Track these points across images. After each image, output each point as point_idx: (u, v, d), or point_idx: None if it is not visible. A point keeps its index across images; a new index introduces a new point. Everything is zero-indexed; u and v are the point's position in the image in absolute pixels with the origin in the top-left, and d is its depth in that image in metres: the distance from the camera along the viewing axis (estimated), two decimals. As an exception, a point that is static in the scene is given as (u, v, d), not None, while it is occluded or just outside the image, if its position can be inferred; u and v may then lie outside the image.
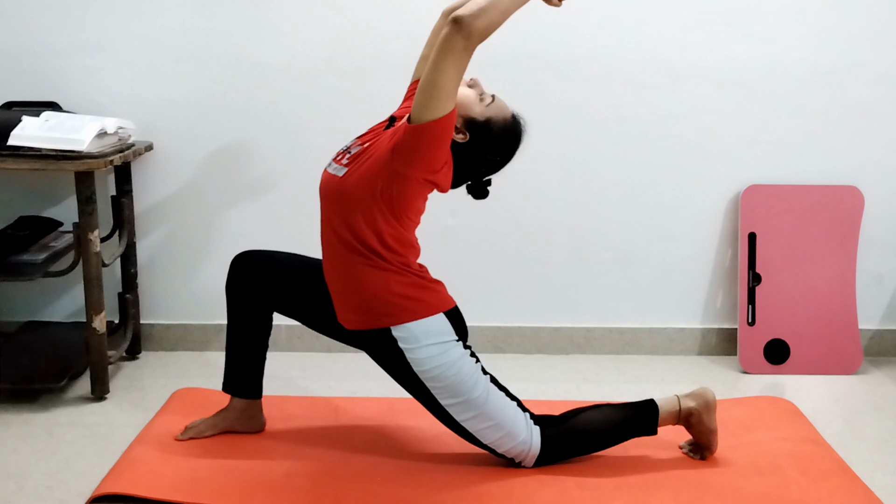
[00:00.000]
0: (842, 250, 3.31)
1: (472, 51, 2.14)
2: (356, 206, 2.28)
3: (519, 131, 2.40)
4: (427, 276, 2.40)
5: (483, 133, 2.33)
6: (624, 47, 3.23)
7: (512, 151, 2.40)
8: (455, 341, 2.34)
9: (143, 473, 2.35)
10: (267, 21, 3.22)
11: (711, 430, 2.46)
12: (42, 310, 3.41)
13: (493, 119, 2.34)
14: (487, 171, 2.42)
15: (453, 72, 2.13)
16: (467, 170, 2.37)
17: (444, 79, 2.13)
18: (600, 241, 3.38)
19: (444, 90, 2.14)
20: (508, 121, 2.37)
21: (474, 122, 2.32)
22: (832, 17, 3.22)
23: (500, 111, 2.36)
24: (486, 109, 2.33)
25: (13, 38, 3.20)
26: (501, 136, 2.36)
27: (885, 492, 2.39)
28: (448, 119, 2.17)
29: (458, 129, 2.30)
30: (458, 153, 2.31)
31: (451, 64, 2.12)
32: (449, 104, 2.16)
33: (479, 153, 2.35)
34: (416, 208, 2.34)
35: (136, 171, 3.27)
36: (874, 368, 3.35)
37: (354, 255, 2.31)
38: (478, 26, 2.10)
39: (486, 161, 2.38)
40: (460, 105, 2.27)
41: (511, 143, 2.39)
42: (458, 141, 2.30)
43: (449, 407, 2.34)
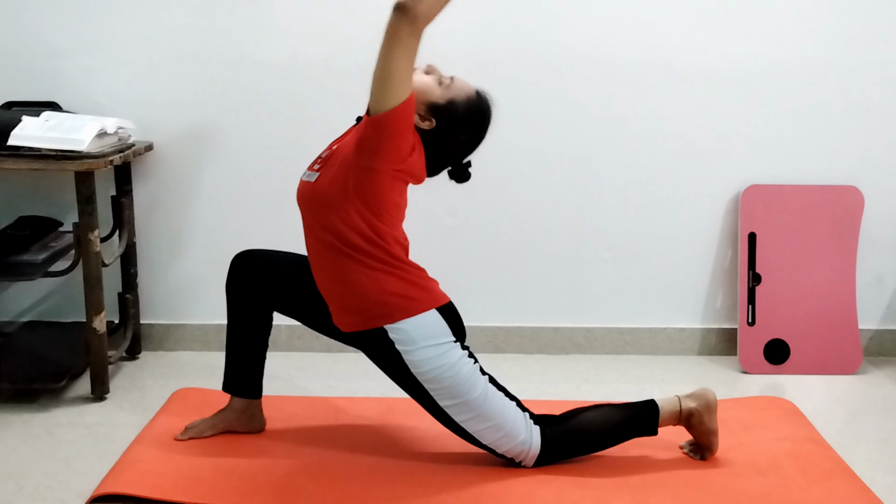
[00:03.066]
0: (842, 250, 3.31)
1: (419, 35, 2.13)
2: (332, 208, 2.28)
3: (485, 107, 2.38)
4: (420, 273, 2.39)
5: (448, 116, 2.32)
6: (624, 47, 3.23)
7: (482, 128, 2.39)
8: (453, 342, 2.33)
9: (143, 473, 2.35)
10: (267, 21, 3.22)
11: (712, 431, 2.46)
12: (42, 310, 3.41)
13: (455, 100, 2.33)
14: (463, 153, 2.41)
15: (404, 58, 2.13)
16: (442, 155, 2.37)
17: (396, 66, 2.13)
18: (600, 241, 3.38)
19: (397, 78, 2.13)
20: (472, 99, 2.36)
21: (437, 106, 2.31)
22: (832, 17, 3.22)
23: (461, 90, 2.35)
24: (446, 92, 2.33)
25: (13, 38, 3.20)
26: (468, 115, 2.35)
27: (885, 492, 2.39)
28: (406, 106, 2.17)
29: (422, 116, 2.30)
30: (428, 140, 2.32)
31: (401, 51, 2.12)
32: (405, 91, 2.16)
33: (449, 136, 2.34)
34: (394, 202, 2.33)
35: (136, 171, 3.28)
36: (874, 368, 3.35)
37: (340, 257, 2.31)
38: (421, 10, 2.10)
39: (458, 143, 2.37)
40: (420, 92, 2.27)
41: (479, 120, 2.38)
42: (424, 128, 2.31)
43: (448, 408, 2.34)
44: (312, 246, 2.38)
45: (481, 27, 3.21)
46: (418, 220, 3.31)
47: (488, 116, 2.40)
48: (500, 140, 3.30)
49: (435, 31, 3.19)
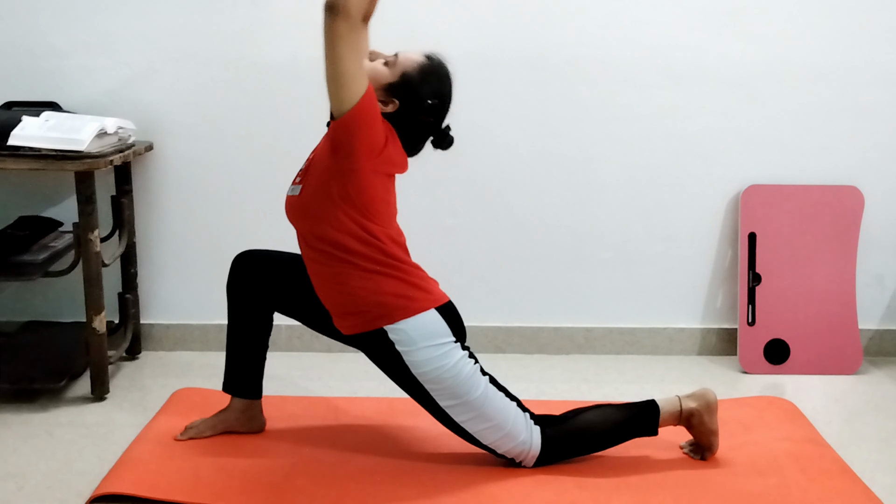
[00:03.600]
0: (842, 250, 3.31)
1: (358, 28, 2.13)
2: (322, 217, 2.29)
3: (439, 67, 2.37)
4: (418, 273, 2.38)
5: (407, 89, 2.31)
6: (624, 47, 3.23)
7: (444, 88, 2.37)
8: (453, 342, 2.33)
9: (143, 473, 2.35)
10: (267, 21, 3.22)
11: (712, 431, 2.46)
12: (42, 310, 3.41)
13: (407, 71, 2.32)
14: (437, 119, 2.38)
15: (351, 55, 2.13)
16: (417, 130, 2.36)
17: (346, 65, 2.13)
18: (600, 241, 3.39)
19: (350, 75, 2.14)
20: (424, 64, 2.34)
21: (392, 85, 2.31)
22: (832, 17, 3.22)
23: (408, 61, 2.34)
24: (395, 69, 2.32)
25: (13, 38, 3.20)
26: (426, 81, 2.33)
27: (885, 492, 2.39)
28: (367, 99, 2.17)
29: (383, 101, 2.30)
30: (398, 121, 2.32)
31: (345, 48, 2.12)
32: (361, 85, 2.16)
33: (416, 108, 2.33)
34: (382, 199, 2.33)
35: (136, 171, 3.28)
36: (874, 368, 3.35)
37: (337, 264, 2.31)
38: (351, 3, 2.09)
39: (427, 111, 2.35)
40: (371, 80, 2.27)
41: (438, 81, 2.35)
42: (390, 111, 2.30)
43: (448, 408, 2.34)
44: (308, 255, 2.38)
45: (481, 27, 3.21)
46: (418, 220, 3.32)
47: (446, 74, 2.38)
48: (500, 140, 3.32)
49: (435, 31, 3.21)
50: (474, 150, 3.30)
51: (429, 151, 3.30)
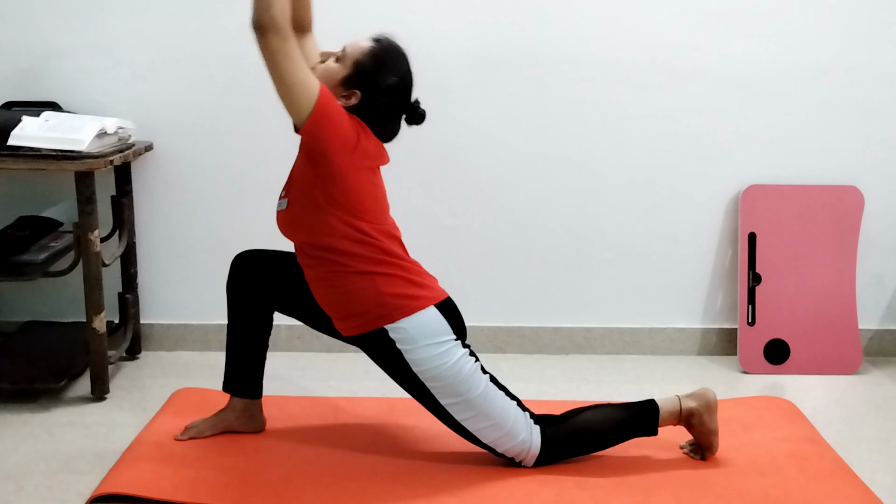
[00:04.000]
0: (842, 250, 3.31)
1: (290, 37, 2.12)
2: (312, 226, 2.29)
3: (388, 45, 2.34)
4: (416, 269, 2.38)
5: (363, 76, 2.29)
6: (624, 47, 3.23)
7: (401, 64, 2.34)
8: (454, 340, 2.34)
9: (143, 473, 2.35)
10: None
11: (712, 431, 2.46)
12: (42, 310, 3.41)
13: (358, 60, 2.30)
14: (402, 97, 2.36)
15: (291, 65, 2.12)
16: (386, 114, 2.34)
17: (291, 75, 2.12)
18: (600, 241, 3.39)
19: (297, 85, 2.13)
20: (373, 48, 2.32)
21: (348, 77, 2.30)
22: (832, 16, 3.22)
23: (357, 50, 2.32)
24: (346, 62, 2.31)
25: (13, 38, 3.20)
26: (379, 64, 2.31)
27: (885, 492, 2.39)
28: (323, 100, 2.16)
29: (344, 96, 2.29)
30: (365, 111, 2.30)
31: (284, 60, 2.11)
32: (312, 90, 2.15)
33: (378, 92, 2.30)
34: (369, 195, 2.31)
35: (136, 171, 3.28)
36: (874, 368, 3.35)
37: (334, 269, 2.31)
38: (275, 17, 2.08)
39: (390, 92, 2.32)
40: (326, 80, 2.27)
41: (392, 59, 2.33)
42: (354, 104, 2.29)
43: (449, 406, 2.34)
44: (304, 262, 2.38)
45: (481, 27, 3.21)
46: (418, 220, 3.33)
47: (398, 51, 2.35)
48: (500, 140, 3.32)
49: (435, 31, 3.21)
50: (474, 149, 3.30)
51: (429, 152, 3.31)
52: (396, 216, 2.47)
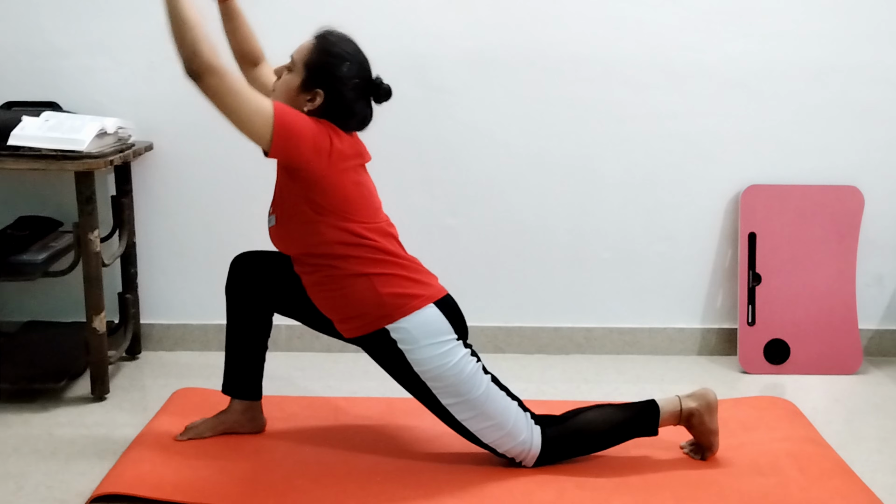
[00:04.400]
0: (842, 250, 3.31)
1: (225, 72, 2.09)
2: (305, 237, 2.30)
3: (329, 34, 2.34)
4: (414, 266, 2.38)
5: (317, 73, 2.29)
6: (624, 47, 3.23)
7: (348, 48, 2.33)
8: (455, 340, 2.33)
9: (142, 473, 2.35)
10: (267, 21, 3.21)
11: (713, 431, 2.46)
12: (42, 310, 3.41)
13: (306, 60, 2.30)
14: (362, 78, 2.33)
15: (238, 98, 2.11)
16: (352, 103, 2.32)
17: (240, 108, 2.12)
18: (600, 241, 3.39)
19: (251, 113, 2.12)
20: (316, 43, 2.32)
21: (304, 81, 2.29)
22: (832, 17, 3.22)
23: (303, 51, 2.32)
24: (296, 68, 2.31)
25: (13, 38, 3.20)
26: (328, 55, 2.30)
27: (885, 492, 2.39)
28: (281, 119, 2.14)
29: (308, 100, 2.29)
30: (333, 107, 2.29)
31: (228, 97, 2.10)
32: (266, 113, 2.13)
33: (338, 83, 2.29)
34: (356, 195, 2.30)
35: (136, 171, 3.28)
36: (874, 368, 3.35)
37: (329, 272, 2.31)
38: (202, 59, 2.07)
39: (350, 79, 2.30)
40: (285, 95, 2.28)
41: (339, 46, 2.33)
42: (320, 103, 2.29)
43: (450, 406, 2.34)
44: (301, 271, 2.38)
45: (481, 27, 3.21)
46: (418, 220, 3.33)
47: (341, 37, 2.34)
48: (500, 140, 3.32)
49: (435, 31, 3.21)
50: (474, 149, 3.30)
51: (429, 152, 3.31)
52: (396, 216, 2.47)
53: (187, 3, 2.08)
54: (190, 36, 2.07)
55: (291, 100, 2.30)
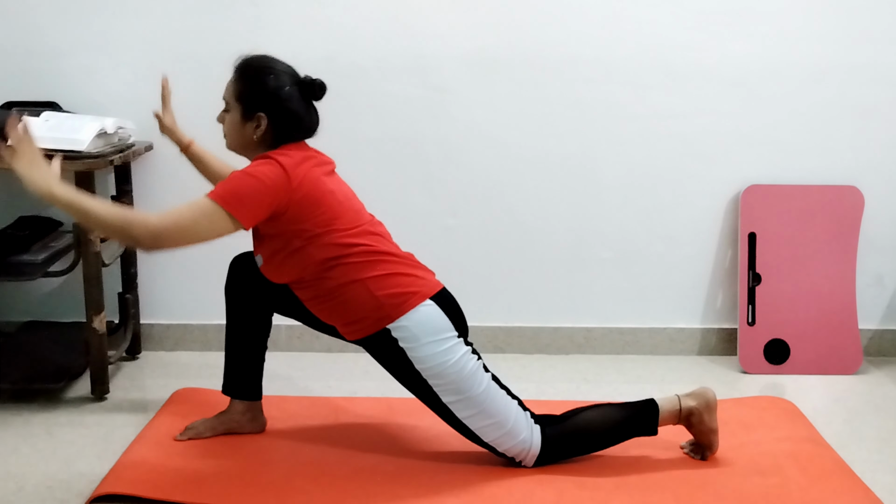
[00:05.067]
0: (842, 250, 3.31)
1: (161, 225, 2.12)
2: (294, 265, 2.31)
3: (245, 60, 2.37)
4: (407, 262, 2.38)
5: (251, 98, 2.31)
6: (624, 47, 3.23)
7: (267, 62, 2.36)
8: (455, 337, 2.34)
9: (142, 473, 2.35)
10: (267, 21, 3.22)
11: (712, 430, 2.46)
12: (42, 310, 3.41)
13: (235, 92, 2.34)
14: (293, 84, 2.35)
15: (190, 226, 2.15)
16: (295, 107, 2.34)
17: (198, 228, 2.16)
18: (600, 241, 3.39)
19: (206, 221, 2.16)
20: (236, 74, 2.36)
21: (243, 112, 2.32)
22: (832, 17, 3.22)
23: (229, 87, 2.35)
24: (232, 104, 2.34)
25: (13, 38, 3.20)
26: (252, 77, 2.34)
27: (885, 492, 2.39)
28: (225, 198, 2.16)
29: (255, 126, 2.31)
30: (279, 122, 2.32)
31: (184, 233, 2.15)
32: (212, 210, 2.16)
33: (272, 96, 2.31)
34: (334, 204, 2.30)
35: (136, 171, 3.28)
36: (874, 368, 3.35)
37: (323, 285, 2.32)
38: (136, 234, 2.11)
39: (279, 87, 2.32)
40: (235, 134, 2.34)
41: (257, 65, 2.35)
42: (267, 123, 2.31)
43: (451, 404, 2.34)
44: (298, 290, 2.39)
45: (481, 27, 3.21)
46: (418, 220, 3.33)
47: (256, 57, 2.37)
48: (500, 140, 3.32)
49: (435, 31, 3.21)
50: (474, 149, 3.30)
51: (429, 152, 3.31)
52: (396, 216, 2.47)
53: (83, 200, 2.12)
54: (112, 226, 2.11)
55: (241, 135, 2.34)
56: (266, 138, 2.33)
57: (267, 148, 2.32)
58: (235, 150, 2.41)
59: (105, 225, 2.12)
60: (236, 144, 2.39)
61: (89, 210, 2.11)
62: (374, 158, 3.30)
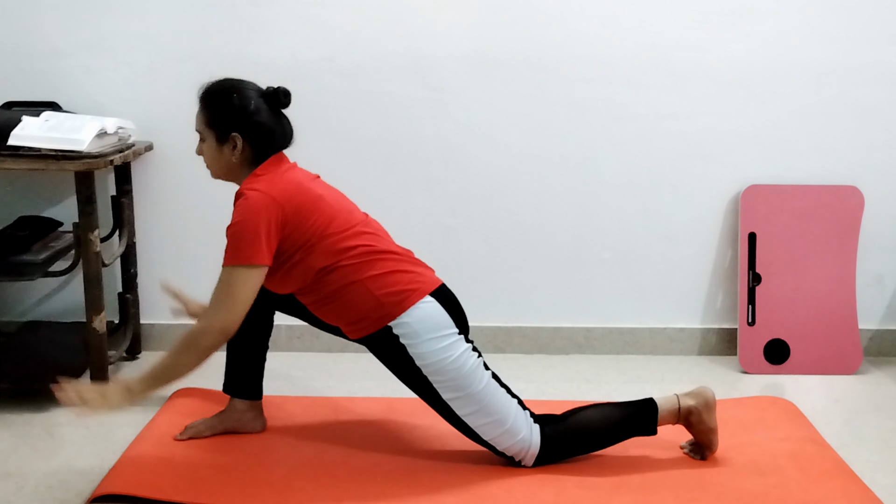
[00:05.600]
0: (842, 250, 3.31)
1: (212, 340, 2.24)
2: (296, 278, 2.33)
3: (206, 87, 2.39)
4: (403, 258, 2.38)
5: (221, 121, 2.33)
6: (624, 47, 3.23)
7: (228, 83, 2.38)
8: (456, 334, 2.34)
9: (142, 473, 2.35)
10: (267, 21, 3.22)
11: (712, 429, 2.46)
12: (42, 310, 3.41)
13: (206, 120, 2.37)
14: (259, 97, 2.36)
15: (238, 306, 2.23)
16: (265, 120, 2.35)
17: (242, 299, 2.24)
18: (600, 241, 3.39)
19: (240, 292, 2.24)
20: (203, 101, 2.38)
21: (217, 137, 2.35)
22: (832, 17, 3.22)
23: (199, 117, 2.39)
24: (205, 133, 2.37)
25: (13, 38, 3.20)
26: (217, 100, 2.36)
27: (885, 492, 2.39)
28: (241, 257, 2.23)
29: (233, 148, 2.34)
30: (254, 138, 2.33)
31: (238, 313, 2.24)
32: (237, 276, 2.24)
33: (240, 115, 2.33)
34: (321, 213, 2.31)
35: (136, 171, 3.28)
36: (874, 368, 3.35)
37: (324, 289, 2.33)
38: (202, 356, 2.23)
39: (245, 104, 2.33)
40: (214, 161, 2.38)
41: (219, 88, 2.37)
42: (242, 142, 2.33)
43: (451, 401, 2.34)
44: (302, 299, 2.40)
45: (481, 27, 3.21)
46: (418, 220, 3.33)
47: (216, 81, 2.39)
48: (500, 140, 3.32)
49: (435, 31, 3.21)
50: (474, 149, 3.30)
51: (429, 152, 3.31)
52: (396, 216, 2.47)
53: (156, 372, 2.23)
54: (192, 361, 2.23)
55: (221, 160, 2.37)
56: (246, 157, 2.35)
57: (249, 167, 2.35)
58: (221, 178, 2.43)
59: (186, 365, 2.23)
60: (220, 171, 2.40)
61: (168, 372, 2.22)
62: (374, 158, 3.30)
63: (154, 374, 2.22)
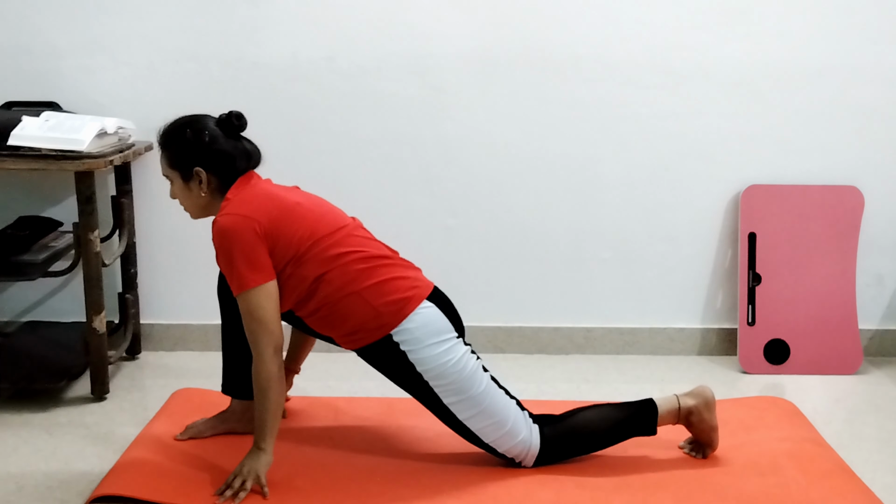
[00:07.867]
0: (842, 250, 3.31)
1: (270, 382, 2.28)
2: (290, 292, 2.32)
3: (164, 128, 2.40)
4: (396, 263, 2.38)
5: (184, 159, 2.35)
6: (624, 47, 3.23)
7: (179, 121, 2.39)
8: (455, 338, 2.34)
9: (142, 474, 2.35)
10: (267, 21, 3.22)
11: (712, 428, 2.46)
12: (42, 310, 3.41)
13: (169, 160, 2.38)
14: (213, 128, 2.37)
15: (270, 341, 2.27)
16: (226, 148, 2.36)
17: (272, 325, 2.28)
18: (600, 241, 3.39)
19: (263, 318, 2.27)
20: (162, 144, 2.39)
21: (182, 175, 2.36)
22: (832, 17, 3.22)
23: (162, 162, 2.39)
24: (171, 174, 2.38)
25: (13, 38, 3.20)
26: (173, 139, 2.37)
27: (885, 492, 2.39)
28: (254, 278, 2.25)
29: (198, 182, 2.35)
30: (216, 168, 2.34)
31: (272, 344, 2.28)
32: (266, 292, 2.27)
33: (198, 148, 2.34)
34: (304, 213, 2.32)
35: (136, 171, 3.28)
36: (874, 368, 3.35)
37: (321, 302, 2.32)
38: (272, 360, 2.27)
39: (199, 136, 2.34)
40: (186, 199, 2.39)
41: (173, 127, 2.39)
42: (205, 174, 2.34)
43: (451, 405, 2.34)
44: (298, 313, 2.40)
45: (481, 27, 3.21)
46: (418, 220, 3.33)
47: (168, 123, 2.41)
48: (500, 140, 3.32)
49: (435, 31, 3.22)
50: (474, 149, 3.30)
51: (429, 152, 3.31)
52: (396, 216, 2.47)
53: (265, 422, 2.30)
54: (275, 399, 2.29)
55: (192, 198, 2.38)
56: (214, 188, 2.36)
57: (220, 196, 2.35)
58: (200, 216, 2.43)
59: (275, 400, 2.28)
60: (196, 209, 2.41)
61: (268, 416, 2.29)
62: (373, 158, 3.30)
63: (262, 425, 2.28)
